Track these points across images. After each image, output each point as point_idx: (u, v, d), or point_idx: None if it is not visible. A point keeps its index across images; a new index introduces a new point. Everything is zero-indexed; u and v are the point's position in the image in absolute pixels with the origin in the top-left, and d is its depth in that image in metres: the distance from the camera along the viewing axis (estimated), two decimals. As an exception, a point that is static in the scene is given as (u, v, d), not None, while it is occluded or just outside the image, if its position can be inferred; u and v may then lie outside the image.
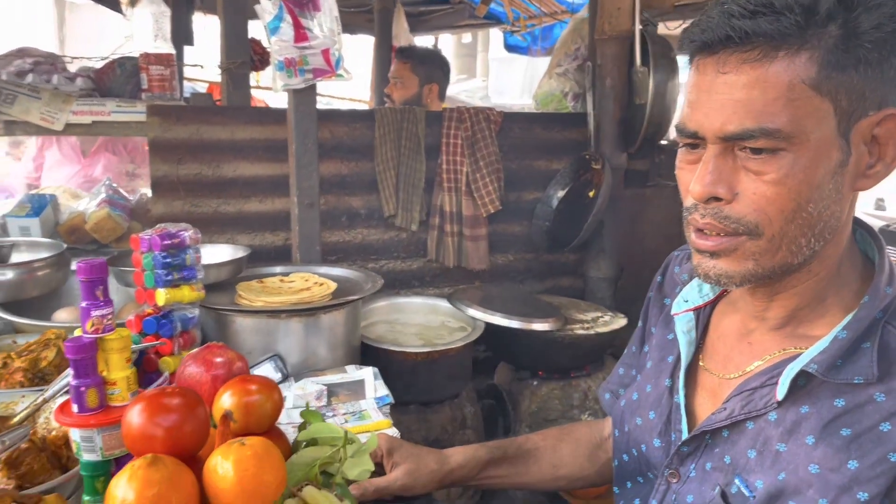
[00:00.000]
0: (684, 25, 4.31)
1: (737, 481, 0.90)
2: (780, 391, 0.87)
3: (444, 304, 2.49)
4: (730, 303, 1.05)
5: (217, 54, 2.61)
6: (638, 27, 2.58)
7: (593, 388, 2.50)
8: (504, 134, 2.75)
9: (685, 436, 0.99)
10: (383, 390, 1.78)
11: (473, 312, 2.37)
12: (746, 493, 0.89)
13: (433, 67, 3.37)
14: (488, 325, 2.33)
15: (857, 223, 0.94)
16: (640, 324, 1.25)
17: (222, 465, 0.85)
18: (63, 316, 1.94)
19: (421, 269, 2.75)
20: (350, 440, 1.04)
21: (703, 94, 0.83)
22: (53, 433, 1.17)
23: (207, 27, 4.72)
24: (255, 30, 2.48)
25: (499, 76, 17.18)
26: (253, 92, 4.37)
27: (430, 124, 2.66)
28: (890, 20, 0.77)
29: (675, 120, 0.90)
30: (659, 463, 1.03)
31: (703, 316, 1.06)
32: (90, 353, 1.03)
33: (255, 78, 4.66)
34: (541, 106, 3.05)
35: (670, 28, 3.73)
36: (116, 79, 2.59)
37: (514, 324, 2.35)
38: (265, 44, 2.65)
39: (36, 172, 3.65)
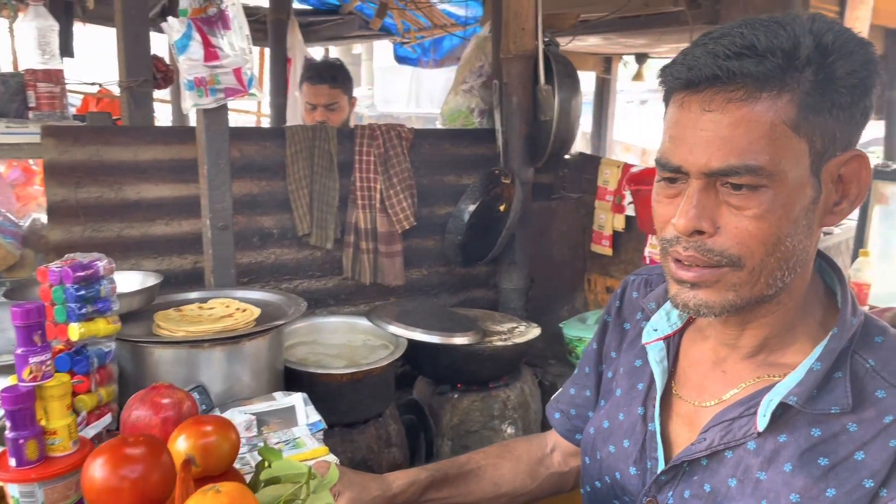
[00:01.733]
0: (585, 41, 4.49)
1: None
2: (761, 423, 0.90)
3: (363, 322, 2.48)
4: (698, 330, 1.07)
5: (100, 67, 2.48)
6: (541, 47, 2.68)
7: (512, 398, 2.55)
8: (415, 150, 2.77)
9: (661, 464, 1.01)
10: (315, 416, 1.75)
11: (395, 329, 2.37)
12: None
13: (351, 81, 3.35)
14: (409, 341, 2.33)
15: (818, 254, 0.98)
16: (592, 346, 1.25)
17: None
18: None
19: (337, 288, 2.73)
20: (313, 475, 1.02)
21: (687, 131, 0.86)
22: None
23: (89, 38, 4.48)
24: (157, 45, 2.38)
25: (385, 85, 17.22)
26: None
27: (342, 141, 2.64)
28: (862, 67, 0.82)
29: (658, 149, 0.93)
30: (636, 490, 1.05)
31: (673, 344, 1.08)
32: (28, 402, 0.97)
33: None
34: (448, 122, 3.09)
35: (562, 44, 3.87)
36: (0, 97, 2.41)
37: (435, 339, 2.37)
38: (167, 61, 2.55)
39: None
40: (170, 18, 2.02)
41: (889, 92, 4.30)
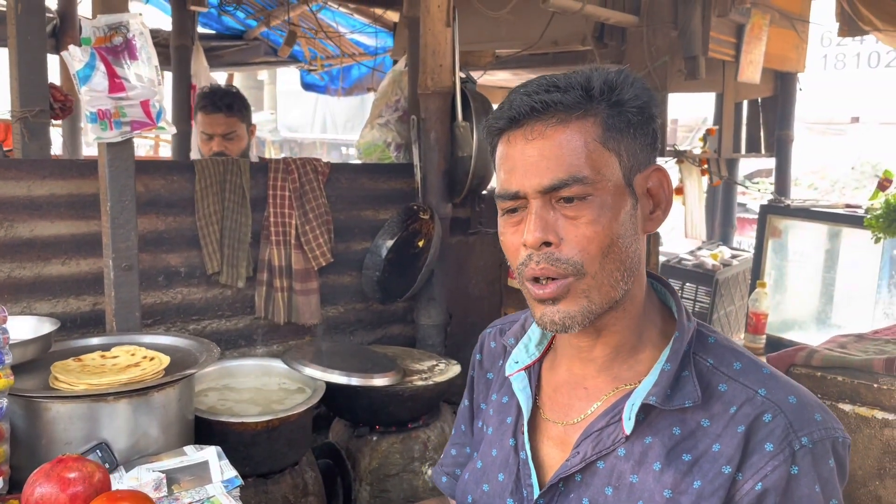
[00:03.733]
0: (496, 75, 4.56)
1: None
2: (628, 426, 0.98)
3: (278, 364, 2.38)
4: (553, 358, 1.15)
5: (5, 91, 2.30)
6: (458, 84, 2.68)
7: (433, 439, 2.51)
8: (331, 184, 2.71)
9: (537, 490, 1.05)
10: (230, 471, 1.65)
11: (311, 372, 2.28)
12: None
13: (249, 109, 3.24)
14: (327, 384, 2.25)
15: (650, 275, 1.10)
16: (465, 403, 1.31)
17: None
18: None
19: (248, 328, 2.61)
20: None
21: (517, 161, 0.98)
22: None
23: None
24: (55, 72, 2.22)
25: (288, 110, 16.98)
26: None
27: (255, 175, 2.55)
28: (642, 92, 1.00)
29: (496, 188, 1.05)
30: None
31: (534, 374, 1.15)
32: None
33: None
34: (363, 156, 3.05)
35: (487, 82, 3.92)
36: None
37: (353, 381, 2.30)
38: (67, 91, 2.39)
39: None
40: (71, 47, 1.89)
41: (778, 131, 4.58)
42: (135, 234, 2.05)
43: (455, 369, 2.58)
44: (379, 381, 2.35)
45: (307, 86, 7.37)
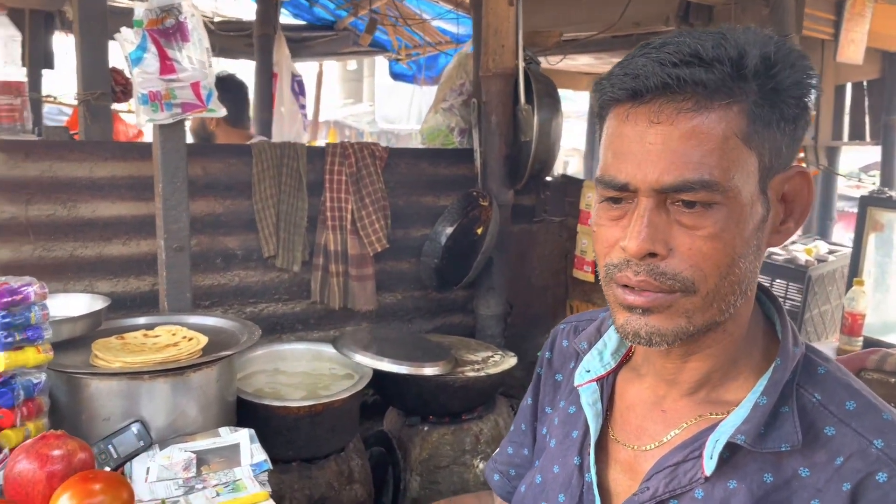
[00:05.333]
0: (577, 60, 4.41)
1: None
2: (708, 466, 0.82)
3: (329, 349, 2.36)
4: (633, 369, 0.99)
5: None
6: (521, 65, 2.58)
7: (485, 431, 2.43)
8: (390, 169, 2.67)
9: None
10: (260, 455, 1.63)
11: (360, 358, 2.25)
12: None
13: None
14: (377, 370, 2.22)
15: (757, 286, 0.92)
16: (528, 401, 1.17)
17: None
18: None
19: (305, 312, 2.61)
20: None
21: (634, 145, 0.79)
22: None
23: (71, 48, 4.40)
24: (118, 57, 2.28)
25: (386, 102, 17.20)
26: (126, 117, 4.07)
27: (312, 160, 2.54)
28: (807, 77, 0.79)
29: (598, 168, 0.84)
30: None
31: (607, 386, 0.99)
32: None
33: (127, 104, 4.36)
34: (427, 141, 2.99)
35: (552, 63, 3.79)
36: (-42, 109, 2.32)
37: (402, 369, 2.26)
38: (128, 73, 2.45)
39: None
40: (123, 29, 1.92)
41: (886, 117, 4.21)
42: (186, 215, 2.07)
43: (510, 361, 2.49)
44: (429, 370, 2.29)
45: (396, 75, 7.40)
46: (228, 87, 3.20)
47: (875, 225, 3.51)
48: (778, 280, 3.91)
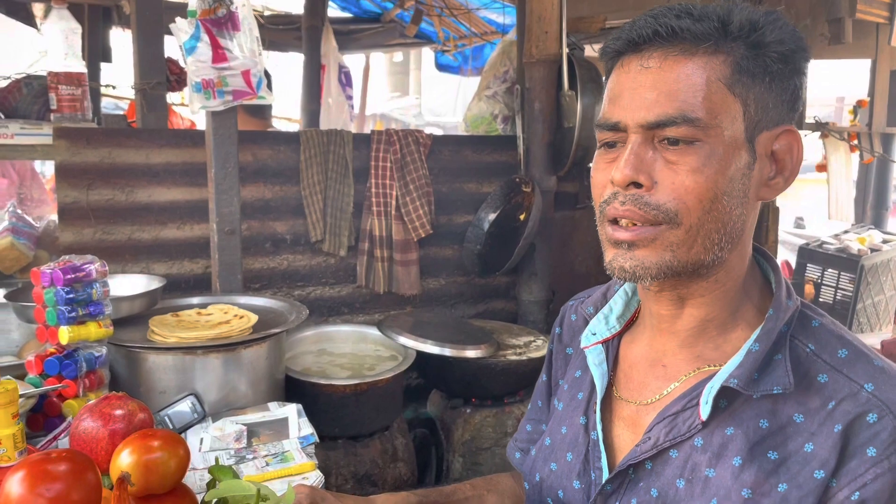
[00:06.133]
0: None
1: None
2: (704, 411, 0.87)
3: (374, 332, 2.42)
4: (636, 331, 1.04)
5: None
6: (565, 51, 2.59)
7: (527, 415, 2.46)
8: (434, 156, 2.71)
9: (606, 473, 0.96)
10: (307, 429, 1.69)
11: (404, 340, 2.30)
12: None
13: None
14: (420, 353, 2.27)
15: (754, 248, 0.97)
16: (542, 377, 1.22)
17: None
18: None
19: (350, 296, 2.67)
20: (264, 497, 0.96)
21: (626, 89, 0.87)
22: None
23: (127, 43, 4.54)
24: (172, 48, 2.37)
25: (432, 94, 17.25)
26: (178, 109, 4.21)
27: (358, 147, 2.59)
28: (790, 38, 0.85)
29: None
30: None
31: (612, 348, 1.05)
32: (-34, 411, 0.93)
33: (180, 95, 4.51)
34: (470, 128, 3.02)
35: (596, 49, 3.77)
36: (23, 99, 2.44)
37: (446, 351, 2.29)
38: (182, 63, 2.54)
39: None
40: (178, 19, 2.00)
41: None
42: (237, 199, 2.15)
43: (553, 346, 2.51)
44: (471, 353, 2.33)
45: (441, 67, 7.42)
46: None
47: (932, 213, 3.41)
48: (829, 270, 3.83)
